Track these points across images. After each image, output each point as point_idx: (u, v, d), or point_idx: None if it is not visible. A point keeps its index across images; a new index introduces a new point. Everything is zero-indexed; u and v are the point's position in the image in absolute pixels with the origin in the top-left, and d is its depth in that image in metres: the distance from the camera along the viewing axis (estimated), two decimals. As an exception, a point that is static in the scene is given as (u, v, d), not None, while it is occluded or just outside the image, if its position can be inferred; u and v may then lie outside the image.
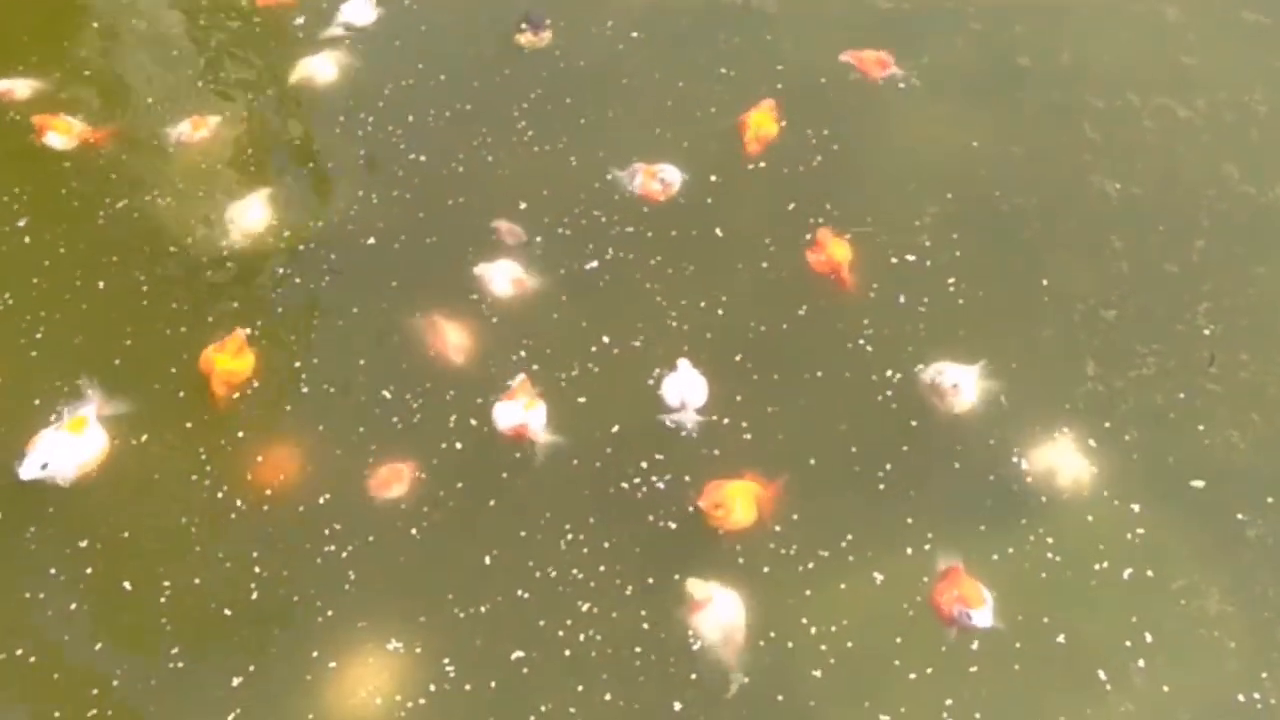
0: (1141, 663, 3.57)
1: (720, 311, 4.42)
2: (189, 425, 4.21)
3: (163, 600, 3.80)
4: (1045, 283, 4.46)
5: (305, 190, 4.96)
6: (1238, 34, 5.24)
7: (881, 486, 3.96)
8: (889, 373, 4.21)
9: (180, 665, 3.67)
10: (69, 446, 4.07)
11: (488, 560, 3.86)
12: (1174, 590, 3.71)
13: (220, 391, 4.26)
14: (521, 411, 4.12)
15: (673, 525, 3.89)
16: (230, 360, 4.30)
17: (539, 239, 4.66)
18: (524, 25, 5.38)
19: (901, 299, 4.42)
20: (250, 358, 4.35)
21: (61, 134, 5.15)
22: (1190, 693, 3.52)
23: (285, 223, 4.82)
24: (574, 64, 5.33)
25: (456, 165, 4.95)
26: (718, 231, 4.66)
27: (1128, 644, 3.60)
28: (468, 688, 3.61)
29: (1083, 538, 3.82)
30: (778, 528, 3.86)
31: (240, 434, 4.19)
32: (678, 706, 3.55)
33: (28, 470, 3.99)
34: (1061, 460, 3.97)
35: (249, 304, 4.56)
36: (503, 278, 4.53)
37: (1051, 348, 4.30)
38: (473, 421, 4.18)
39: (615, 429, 4.12)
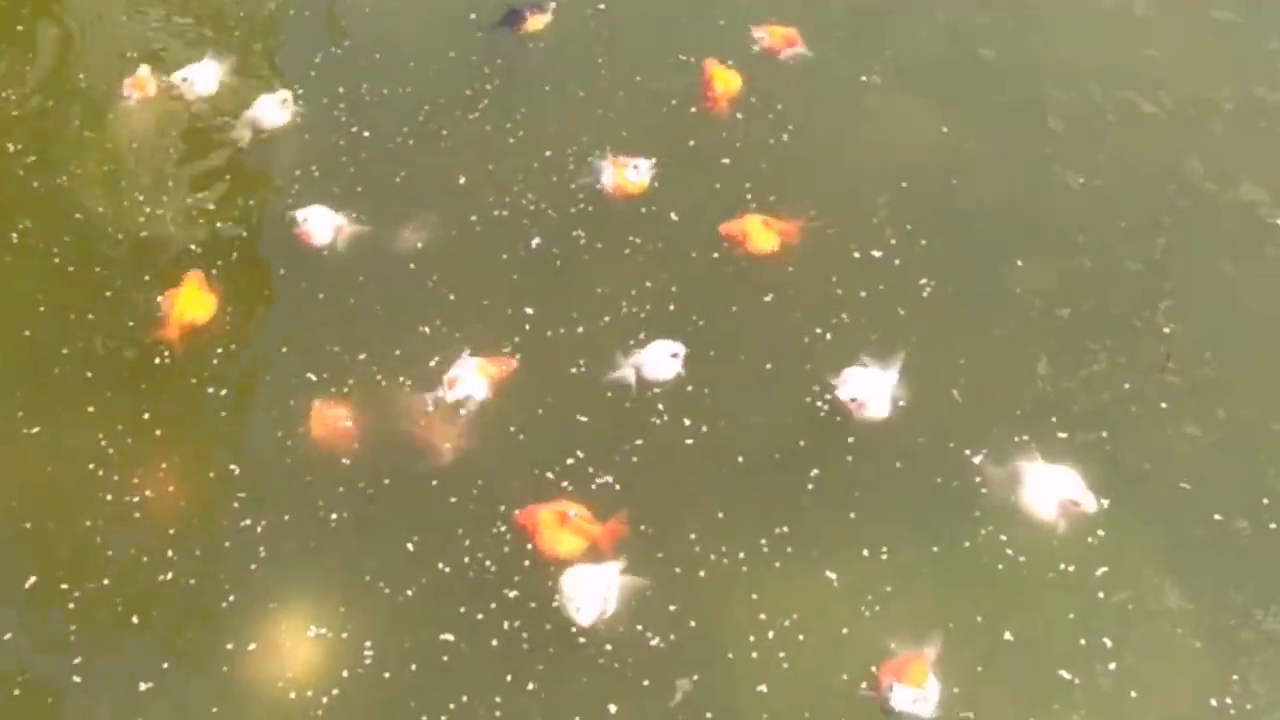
0: (1112, 665, 3.45)
1: (671, 305, 4.27)
2: (91, 409, 4.03)
3: (71, 606, 3.62)
4: (1005, 278, 4.34)
5: (236, 161, 4.79)
6: (1206, 30, 5.16)
7: (826, 485, 3.81)
8: (836, 369, 4.02)
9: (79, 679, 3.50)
10: None
11: (410, 546, 3.71)
12: (1136, 591, 3.60)
13: (174, 331, 4.15)
14: (471, 373, 3.97)
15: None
16: (187, 300, 4.19)
17: (473, 217, 4.51)
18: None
19: (863, 293, 4.28)
20: (211, 301, 4.23)
21: None
22: (1159, 696, 3.40)
23: (210, 196, 4.67)
24: (533, 45, 5.16)
25: (404, 140, 4.80)
26: (673, 216, 4.51)
27: (1084, 643, 3.48)
28: (387, 675, 3.46)
29: (1040, 538, 3.68)
30: (661, 554, 3.66)
31: (146, 415, 4.01)
32: (613, 709, 3.38)
33: None
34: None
35: (160, 284, 4.34)
36: (323, 225, 4.41)
37: (1008, 345, 4.18)
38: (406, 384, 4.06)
39: (546, 414, 3.98)
